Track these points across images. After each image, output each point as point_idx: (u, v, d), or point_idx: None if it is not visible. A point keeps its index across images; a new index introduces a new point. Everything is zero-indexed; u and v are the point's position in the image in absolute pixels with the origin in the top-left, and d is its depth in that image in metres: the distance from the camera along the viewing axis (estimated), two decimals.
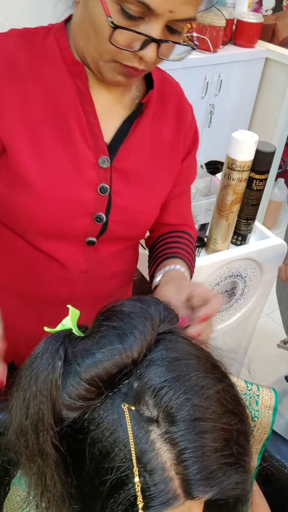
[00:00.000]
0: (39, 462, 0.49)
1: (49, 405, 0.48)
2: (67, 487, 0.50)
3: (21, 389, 0.50)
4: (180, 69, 2.18)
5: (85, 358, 0.50)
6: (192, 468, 0.46)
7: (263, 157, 1.21)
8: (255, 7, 2.57)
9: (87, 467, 0.48)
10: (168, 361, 0.50)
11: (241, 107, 2.61)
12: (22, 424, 0.49)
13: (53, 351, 0.50)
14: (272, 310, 2.30)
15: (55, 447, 0.48)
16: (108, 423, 0.48)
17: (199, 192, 1.38)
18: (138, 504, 0.45)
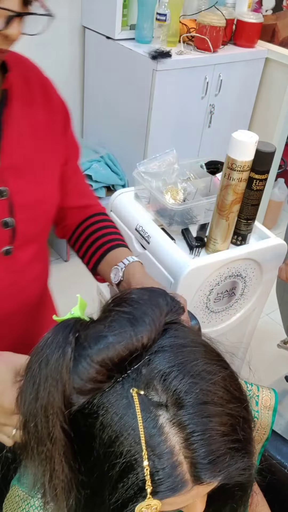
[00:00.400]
0: (48, 446, 0.49)
1: (60, 388, 0.49)
2: (75, 473, 0.50)
3: (31, 372, 0.51)
4: (180, 69, 2.18)
5: (97, 341, 0.51)
6: (201, 451, 0.47)
7: (263, 157, 1.21)
8: (255, 7, 2.57)
9: (96, 452, 0.49)
10: (176, 347, 0.51)
11: (241, 107, 2.61)
12: (32, 407, 0.50)
13: (64, 335, 0.52)
14: (272, 310, 2.30)
15: (64, 431, 0.49)
16: (117, 408, 0.49)
17: (199, 192, 1.38)
18: (146, 489, 0.46)
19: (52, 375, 0.49)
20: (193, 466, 0.47)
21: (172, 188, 1.36)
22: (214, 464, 0.47)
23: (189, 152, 2.46)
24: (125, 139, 2.44)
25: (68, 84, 2.55)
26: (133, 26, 2.26)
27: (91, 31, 2.37)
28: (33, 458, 0.51)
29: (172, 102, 2.26)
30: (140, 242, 1.40)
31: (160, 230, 1.36)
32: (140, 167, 1.39)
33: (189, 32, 2.31)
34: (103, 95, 2.48)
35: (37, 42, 2.41)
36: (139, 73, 2.18)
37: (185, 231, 1.38)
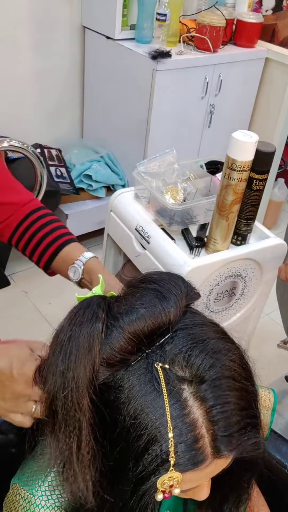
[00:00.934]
0: (77, 417, 0.50)
1: (91, 358, 0.51)
2: (100, 445, 0.52)
3: (59, 344, 0.53)
4: (180, 69, 2.18)
5: (129, 312, 0.53)
6: (221, 424, 0.50)
7: (263, 157, 1.21)
8: (255, 7, 2.57)
9: (120, 425, 0.50)
10: (197, 326, 0.54)
11: (241, 107, 2.61)
12: (64, 378, 0.51)
13: (95, 307, 0.54)
14: (272, 310, 2.30)
15: (92, 403, 0.51)
16: (142, 382, 0.50)
17: (199, 192, 1.38)
18: (170, 460, 0.48)
19: (83, 345, 0.51)
20: (213, 439, 0.50)
21: (172, 188, 1.36)
22: (233, 437, 0.50)
23: (189, 152, 2.46)
24: (125, 139, 2.44)
25: (68, 84, 2.55)
26: (133, 26, 2.26)
27: (91, 31, 2.37)
28: (60, 430, 0.52)
29: (172, 102, 2.26)
30: (140, 242, 1.40)
31: (160, 230, 1.36)
32: (140, 167, 1.39)
33: (189, 32, 2.31)
34: (103, 95, 2.48)
35: (37, 42, 2.43)
36: (139, 73, 2.18)
37: (185, 231, 1.38)
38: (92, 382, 0.51)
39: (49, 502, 0.61)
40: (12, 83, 2.33)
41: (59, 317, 0.59)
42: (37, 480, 0.63)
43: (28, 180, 1.98)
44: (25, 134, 2.41)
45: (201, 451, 0.49)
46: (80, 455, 0.51)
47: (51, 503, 0.61)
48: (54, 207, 2.25)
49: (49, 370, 0.53)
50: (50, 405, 0.53)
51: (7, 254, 2.31)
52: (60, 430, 0.52)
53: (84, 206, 2.42)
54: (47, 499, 0.61)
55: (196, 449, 0.49)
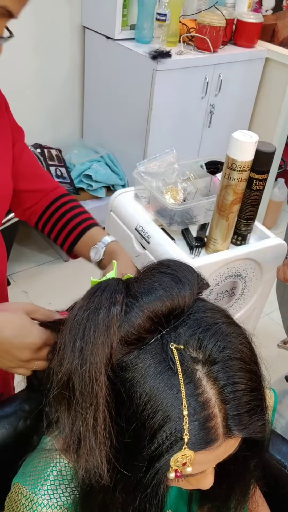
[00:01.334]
0: (95, 392, 0.51)
1: (110, 335, 0.52)
2: (115, 422, 0.53)
3: (77, 322, 0.54)
4: (180, 69, 2.18)
5: (148, 293, 0.55)
6: (233, 403, 0.51)
7: (263, 157, 1.21)
8: (255, 7, 2.57)
9: (136, 402, 0.51)
10: (208, 311, 0.57)
11: (241, 107, 2.61)
12: (83, 352, 0.52)
13: (113, 287, 0.56)
14: (272, 310, 2.30)
15: (109, 379, 0.52)
16: (158, 361, 0.52)
17: (199, 192, 1.38)
18: (184, 438, 0.49)
19: (103, 322, 0.53)
20: (225, 418, 0.51)
21: (172, 188, 1.36)
22: (243, 417, 0.52)
23: (189, 152, 2.46)
24: (125, 139, 2.44)
25: (68, 84, 2.55)
26: (133, 26, 2.26)
27: (91, 31, 2.37)
28: (77, 406, 0.53)
29: (172, 102, 2.26)
30: (140, 242, 1.40)
31: (160, 230, 1.36)
32: (140, 167, 1.39)
33: (189, 32, 2.31)
34: (103, 95, 2.48)
35: (37, 42, 2.43)
36: (139, 73, 2.18)
37: (185, 231, 1.38)
38: (110, 359, 0.52)
39: (51, 501, 0.61)
40: (12, 83, 2.33)
41: None
42: (39, 479, 0.63)
43: None
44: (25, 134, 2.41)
45: (213, 430, 0.51)
46: (96, 431, 0.52)
47: (53, 502, 0.61)
48: None
49: (66, 348, 0.54)
50: (67, 383, 0.54)
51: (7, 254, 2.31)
52: (77, 406, 0.53)
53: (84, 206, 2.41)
54: (49, 497, 0.61)
55: (209, 427, 0.50)
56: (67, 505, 0.62)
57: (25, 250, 2.55)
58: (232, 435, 0.52)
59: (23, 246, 2.57)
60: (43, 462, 0.65)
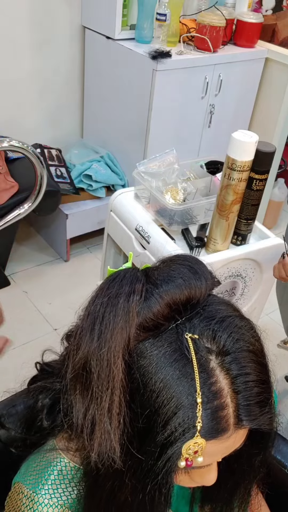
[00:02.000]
0: (112, 374, 0.52)
1: (128, 320, 0.53)
2: (129, 407, 0.53)
3: (97, 306, 0.55)
4: (180, 69, 2.18)
5: (168, 281, 0.56)
6: (244, 394, 0.53)
7: (263, 157, 1.21)
8: (255, 7, 2.57)
9: (150, 388, 0.52)
10: (221, 304, 0.58)
11: (241, 107, 2.61)
12: (101, 336, 0.53)
13: (133, 274, 0.57)
14: (272, 310, 2.30)
15: (125, 364, 0.53)
16: (173, 350, 0.53)
17: (199, 192, 1.38)
18: (196, 425, 0.50)
19: (123, 306, 0.54)
20: (236, 409, 0.52)
21: (172, 188, 1.36)
22: (254, 407, 0.53)
23: (189, 152, 2.46)
24: (125, 139, 2.44)
25: (68, 84, 2.55)
26: (133, 26, 2.26)
27: (91, 31, 2.37)
28: (93, 389, 0.53)
29: (172, 102, 2.26)
30: (140, 242, 1.40)
31: (160, 230, 1.36)
32: (140, 167, 1.39)
33: (189, 32, 2.31)
34: (103, 95, 2.48)
35: (37, 42, 2.43)
36: (139, 73, 2.18)
37: (185, 231, 1.38)
38: (128, 343, 0.53)
39: (52, 500, 0.61)
40: (12, 83, 2.33)
41: (59, 317, 0.59)
42: (40, 479, 0.63)
43: (28, 180, 1.98)
44: (25, 134, 2.41)
45: (225, 419, 0.52)
46: (111, 415, 0.53)
47: (54, 501, 0.61)
48: (54, 207, 2.25)
49: (84, 331, 0.55)
50: (84, 366, 0.54)
51: (7, 254, 2.31)
52: (93, 390, 0.53)
53: (84, 206, 2.42)
54: (50, 497, 0.61)
55: (220, 417, 0.51)
56: (68, 504, 0.62)
57: (25, 250, 2.55)
58: (242, 425, 0.53)
59: (23, 246, 2.57)
60: (43, 462, 0.65)
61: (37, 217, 2.45)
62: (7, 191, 2.02)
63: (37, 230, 2.69)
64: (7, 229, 1.99)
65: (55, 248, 2.57)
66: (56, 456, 0.65)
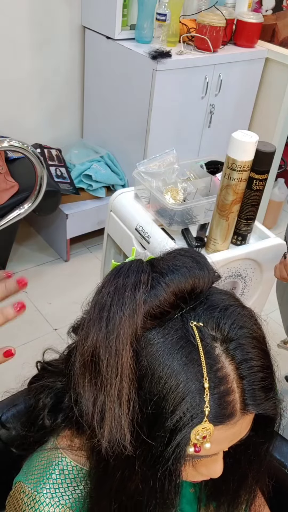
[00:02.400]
0: (119, 363, 0.53)
1: (135, 307, 0.54)
2: (138, 393, 0.54)
3: (104, 295, 0.56)
4: (180, 69, 2.18)
5: (173, 270, 0.57)
6: (249, 379, 0.54)
7: (263, 157, 1.21)
8: (255, 7, 2.57)
9: (158, 375, 0.53)
10: (223, 294, 0.60)
11: (241, 107, 2.61)
12: (109, 324, 0.55)
13: (139, 263, 0.59)
14: (272, 310, 2.30)
15: (134, 351, 0.54)
16: (179, 337, 0.54)
17: (199, 192, 1.38)
18: (204, 410, 0.52)
19: (129, 294, 0.55)
20: (242, 394, 0.54)
21: (172, 188, 1.36)
22: (259, 392, 0.54)
23: (189, 152, 2.46)
24: (125, 139, 2.44)
25: (68, 84, 2.55)
26: (133, 26, 2.26)
27: (91, 31, 2.37)
28: (102, 376, 0.54)
29: (172, 102, 2.26)
30: (140, 242, 1.40)
31: (160, 230, 1.36)
32: (140, 167, 1.39)
33: (189, 32, 2.31)
34: (103, 95, 2.48)
35: (37, 42, 2.43)
36: (139, 73, 2.18)
37: (185, 231, 1.38)
38: (136, 331, 0.54)
39: (53, 499, 0.61)
40: (12, 83, 2.33)
41: (59, 317, 0.59)
42: (41, 478, 0.63)
43: (28, 180, 1.98)
44: (25, 134, 2.41)
45: (232, 405, 0.53)
46: (121, 401, 0.53)
47: (55, 501, 0.61)
48: (54, 207, 2.25)
49: (92, 321, 0.56)
50: (92, 354, 0.55)
51: (7, 254, 2.31)
52: (102, 377, 0.54)
53: (84, 206, 2.42)
54: (51, 496, 0.62)
55: (227, 402, 0.53)
56: (69, 503, 0.62)
57: (25, 250, 2.55)
58: (248, 410, 0.54)
59: (23, 246, 2.57)
60: (45, 461, 0.65)
61: (37, 217, 2.45)
62: (7, 191, 2.02)
63: (37, 230, 2.69)
64: (7, 229, 1.99)
65: (55, 248, 2.57)
66: (57, 456, 0.65)
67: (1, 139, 1.77)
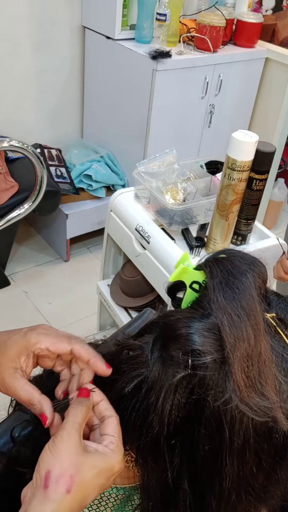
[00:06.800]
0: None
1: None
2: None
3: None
4: (180, 69, 2.18)
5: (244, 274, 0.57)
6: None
7: (263, 157, 1.21)
8: (255, 7, 2.57)
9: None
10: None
11: (241, 107, 2.61)
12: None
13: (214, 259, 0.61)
14: None
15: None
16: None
17: (199, 192, 1.38)
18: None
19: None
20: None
21: (172, 188, 1.36)
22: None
23: (189, 152, 2.46)
24: (125, 139, 2.44)
25: (68, 84, 2.55)
26: (133, 26, 2.26)
27: (91, 31, 2.37)
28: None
29: (172, 102, 2.26)
30: (140, 242, 1.40)
31: (160, 230, 1.36)
32: (140, 167, 1.39)
33: (189, 32, 2.31)
34: (103, 95, 2.48)
35: (37, 42, 2.43)
36: (139, 73, 2.18)
37: (185, 231, 1.38)
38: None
39: None
40: (12, 83, 2.33)
41: (59, 317, 0.56)
42: None
43: (28, 180, 1.98)
44: (25, 134, 2.41)
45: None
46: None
47: None
48: (54, 207, 2.25)
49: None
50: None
51: (7, 254, 2.31)
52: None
53: (84, 206, 2.42)
54: None
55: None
56: None
57: (25, 250, 2.55)
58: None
59: (23, 246, 2.57)
60: None
61: (37, 217, 2.45)
62: (7, 191, 2.02)
63: (37, 230, 2.69)
64: (7, 229, 2.00)
65: (55, 248, 2.57)
66: None
67: (1, 139, 1.77)
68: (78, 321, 2.10)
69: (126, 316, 1.64)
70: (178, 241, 1.36)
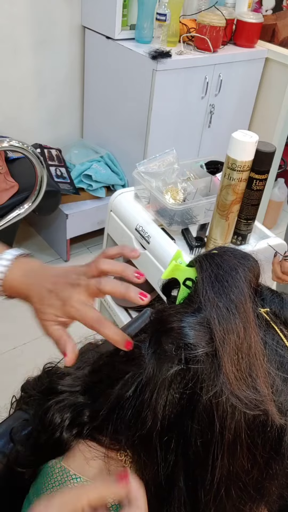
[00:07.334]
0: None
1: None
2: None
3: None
4: (180, 69, 2.18)
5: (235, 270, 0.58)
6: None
7: (263, 157, 1.21)
8: (255, 7, 2.57)
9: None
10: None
11: (241, 107, 2.61)
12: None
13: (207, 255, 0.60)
14: None
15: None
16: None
17: (199, 192, 1.38)
18: None
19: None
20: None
21: (172, 188, 1.36)
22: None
23: (189, 152, 2.46)
24: (125, 139, 2.44)
25: (68, 84, 2.55)
26: (133, 26, 2.26)
27: (91, 31, 2.37)
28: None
29: (172, 102, 2.26)
30: (140, 242, 1.40)
31: (160, 230, 1.36)
32: (140, 167, 1.39)
33: (189, 32, 2.31)
34: (103, 95, 2.48)
35: (37, 42, 2.43)
36: (139, 73, 2.18)
37: (185, 231, 1.38)
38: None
39: None
40: (12, 83, 2.33)
41: None
42: None
43: (28, 180, 1.98)
44: (25, 134, 2.41)
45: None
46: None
47: None
48: (54, 207, 2.25)
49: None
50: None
51: None
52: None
53: (84, 206, 2.42)
54: None
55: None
56: None
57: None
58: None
59: (23, 246, 2.57)
60: (57, 487, 0.56)
61: (37, 217, 2.45)
62: (7, 191, 2.02)
63: (37, 230, 2.69)
64: (7, 229, 2.00)
65: (55, 248, 2.57)
66: (70, 478, 0.56)
67: (1, 139, 1.77)
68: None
69: (126, 316, 1.64)
70: (178, 241, 1.36)
